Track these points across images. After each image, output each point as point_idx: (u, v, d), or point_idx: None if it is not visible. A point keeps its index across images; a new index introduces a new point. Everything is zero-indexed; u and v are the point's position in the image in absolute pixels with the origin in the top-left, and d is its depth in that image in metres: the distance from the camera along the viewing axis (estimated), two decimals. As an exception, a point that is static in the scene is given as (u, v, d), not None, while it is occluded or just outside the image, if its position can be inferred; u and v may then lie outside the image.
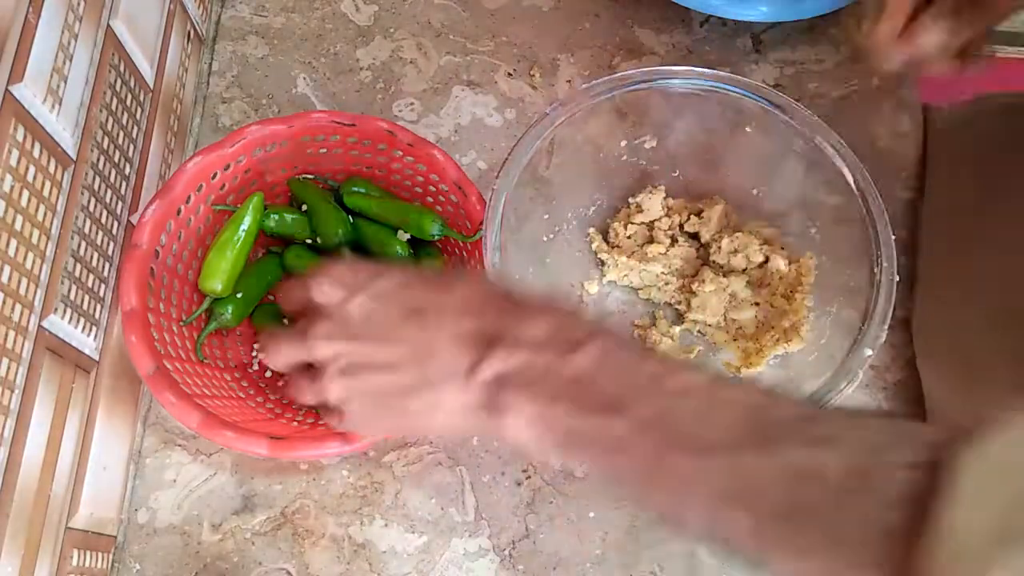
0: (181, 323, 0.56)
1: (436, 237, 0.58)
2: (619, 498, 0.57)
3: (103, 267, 0.54)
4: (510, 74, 0.71)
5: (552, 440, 0.35)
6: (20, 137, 0.44)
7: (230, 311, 0.57)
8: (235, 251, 0.56)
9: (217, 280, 0.56)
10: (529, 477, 0.59)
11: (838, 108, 0.69)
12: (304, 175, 0.60)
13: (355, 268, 0.42)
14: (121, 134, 0.56)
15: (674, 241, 0.63)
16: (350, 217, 0.59)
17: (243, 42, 0.72)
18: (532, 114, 0.69)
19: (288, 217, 0.59)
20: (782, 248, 0.61)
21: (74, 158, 0.50)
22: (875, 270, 0.52)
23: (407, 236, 0.58)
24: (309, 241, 0.59)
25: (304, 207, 0.60)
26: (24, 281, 0.45)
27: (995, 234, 0.58)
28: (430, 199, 0.60)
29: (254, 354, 0.61)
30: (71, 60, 0.49)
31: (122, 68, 0.56)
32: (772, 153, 0.59)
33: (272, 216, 0.58)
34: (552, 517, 0.58)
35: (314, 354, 0.40)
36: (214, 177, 0.56)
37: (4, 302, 0.43)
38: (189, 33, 0.68)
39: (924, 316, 0.60)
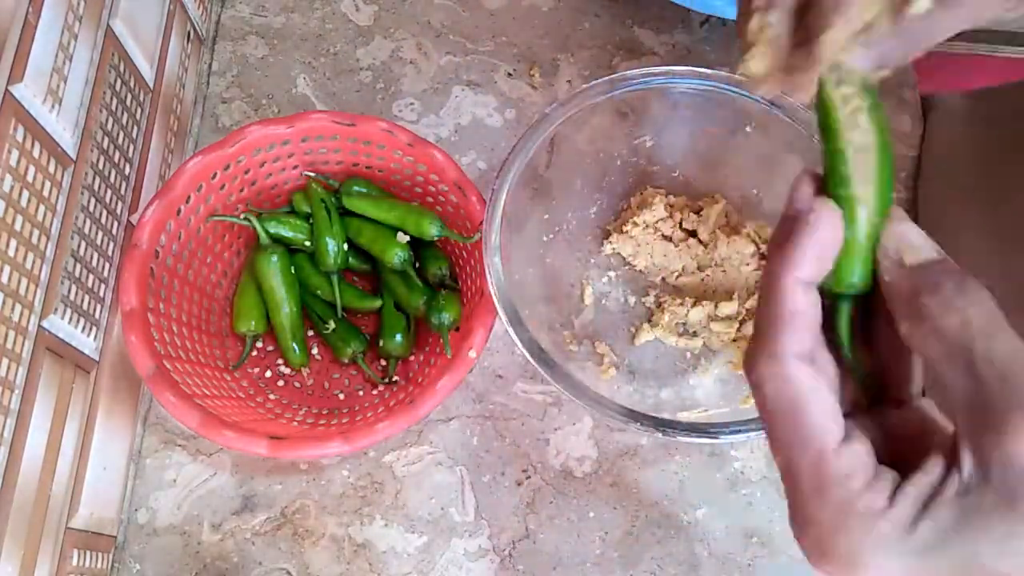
0: (232, 368, 0.58)
1: (435, 237, 0.58)
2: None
3: (103, 267, 0.54)
4: (510, 74, 0.71)
5: None
6: (20, 137, 0.44)
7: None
8: (256, 289, 0.59)
9: (251, 319, 0.59)
10: (529, 477, 0.59)
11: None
12: (307, 172, 0.60)
13: None
14: (121, 134, 0.56)
15: (671, 241, 0.63)
16: (346, 238, 0.59)
17: (243, 42, 0.72)
18: (532, 114, 0.69)
19: (287, 222, 0.59)
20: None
21: (74, 158, 0.50)
22: (875, 270, 0.52)
23: (407, 238, 0.58)
24: (308, 244, 0.60)
25: (308, 210, 0.60)
26: (24, 281, 0.45)
27: (989, 230, 0.58)
28: (430, 199, 0.60)
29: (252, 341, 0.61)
30: (71, 60, 0.49)
31: (122, 68, 0.56)
32: (772, 153, 0.59)
33: (271, 222, 0.58)
34: (552, 517, 0.58)
35: None
36: (214, 177, 0.56)
37: (4, 302, 0.43)
38: (189, 33, 0.68)
39: None
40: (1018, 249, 0.54)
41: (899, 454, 0.25)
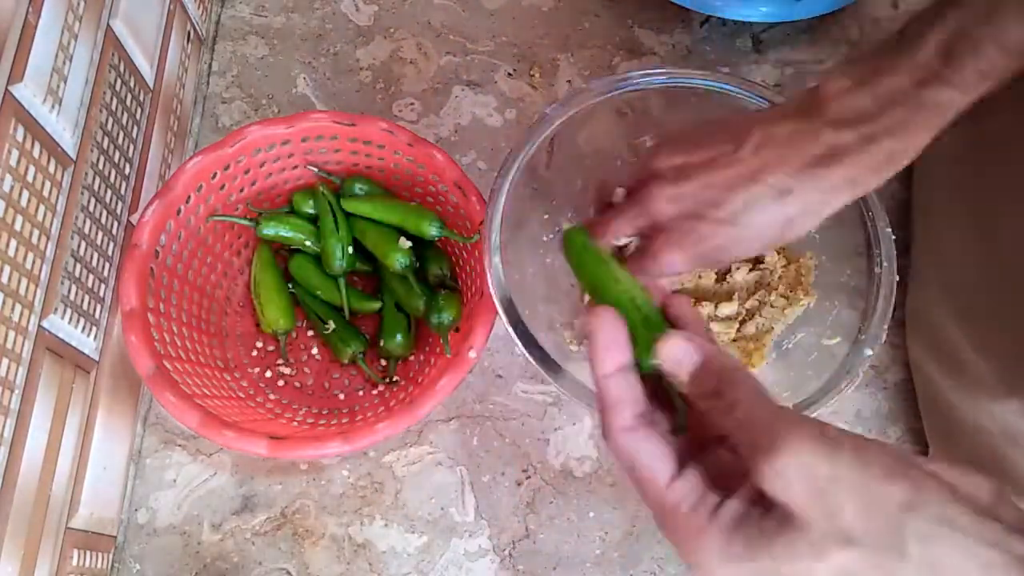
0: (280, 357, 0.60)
1: (436, 238, 0.58)
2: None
3: (103, 267, 0.54)
4: (510, 74, 0.71)
5: None
6: (20, 137, 0.44)
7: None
8: (278, 288, 0.60)
9: (279, 318, 0.59)
10: (529, 477, 0.59)
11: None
12: (312, 164, 0.60)
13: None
14: (121, 134, 0.56)
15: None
16: (352, 240, 0.60)
17: (243, 42, 0.72)
18: (532, 114, 0.69)
19: (286, 224, 0.59)
20: (782, 248, 0.61)
21: (74, 158, 0.50)
22: (875, 270, 0.52)
23: (409, 244, 0.58)
24: (308, 244, 0.60)
25: (311, 209, 0.60)
26: (24, 281, 0.45)
27: (966, 234, 0.58)
28: (430, 199, 0.60)
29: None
30: (71, 60, 0.49)
31: (122, 68, 0.56)
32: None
33: (270, 223, 0.58)
34: (552, 517, 0.58)
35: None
36: (214, 177, 0.56)
37: (4, 302, 0.43)
38: (189, 33, 0.68)
39: (912, 303, 0.62)
40: (996, 238, 0.54)
41: (726, 480, 0.31)
